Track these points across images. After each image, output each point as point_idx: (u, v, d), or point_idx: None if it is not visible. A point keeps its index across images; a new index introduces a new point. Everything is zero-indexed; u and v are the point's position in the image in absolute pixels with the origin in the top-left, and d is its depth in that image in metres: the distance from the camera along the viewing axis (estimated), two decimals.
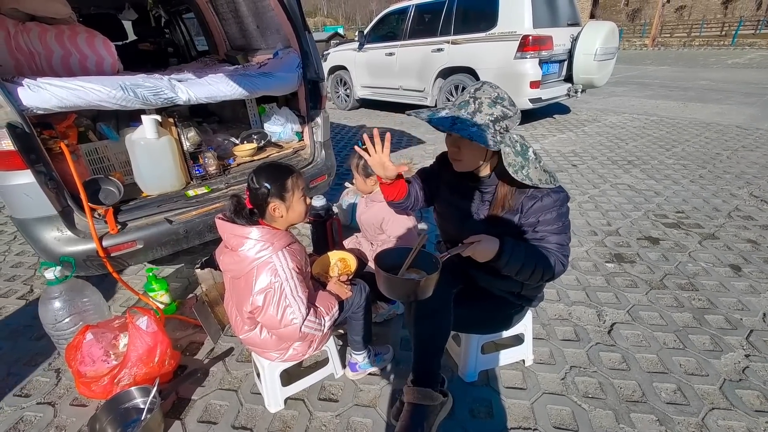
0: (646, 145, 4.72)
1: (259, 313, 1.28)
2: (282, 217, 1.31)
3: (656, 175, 3.77)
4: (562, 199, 1.19)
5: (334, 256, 1.83)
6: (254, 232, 1.24)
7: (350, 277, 1.65)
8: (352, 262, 1.80)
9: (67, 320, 1.64)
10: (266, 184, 1.26)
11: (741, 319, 1.93)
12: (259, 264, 1.24)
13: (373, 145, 1.27)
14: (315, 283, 1.57)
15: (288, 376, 1.58)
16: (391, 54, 6.37)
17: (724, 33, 20.65)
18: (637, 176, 3.78)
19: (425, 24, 5.95)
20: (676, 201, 3.22)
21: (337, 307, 1.44)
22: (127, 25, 4.22)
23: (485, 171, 1.26)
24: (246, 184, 1.33)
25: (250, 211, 1.32)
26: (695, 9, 27.41)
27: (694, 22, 23.49)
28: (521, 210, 1.21)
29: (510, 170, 1.12)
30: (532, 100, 5.11)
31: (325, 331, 1.39)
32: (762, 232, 2.70)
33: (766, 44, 16.19)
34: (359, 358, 1.64)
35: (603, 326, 1.92)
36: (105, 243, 1.85)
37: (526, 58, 4.90)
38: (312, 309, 1.34)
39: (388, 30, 6.61)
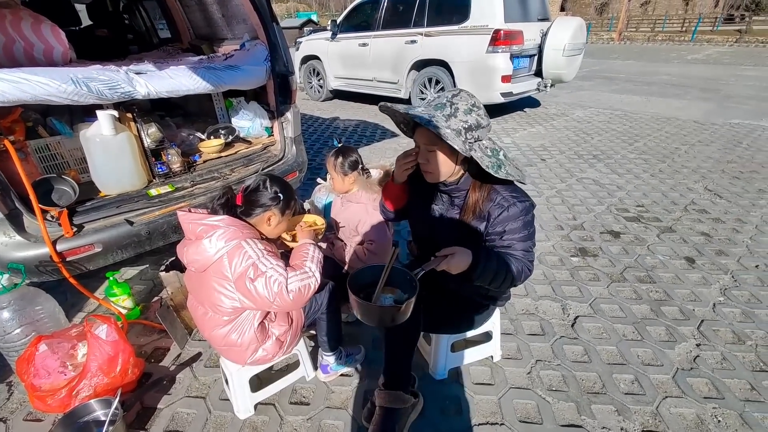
0: (610, 139, 4.89)
1: (247, 299, 1.24)
2: (270, 227, 1.38)
3: (619, 170, 3.92)
4: (527, 208, 1.22)
5: (297, 219, 1.74)
6: (226, 218, 1.26)
7: (319, 235, 1.62)
8: (319, 221, 1.75)
9: (17, 331, 1.55)
10: (279, 193, 1.35)
11: (693, 309, 2.05)
12: (229, 250, 1.23)
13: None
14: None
15: (258, 381, 1.56)
16: (364, 45, 6.27)
17: (684, 29, 21.49)
18: (602, 170, 3.92)
19: (399, 15, 5.87)
20: (637, 195, 3.36)
21: (311, 250, 1.37)
22: (82, 10, 3.94)
23: (453, 177, 1.27)
24: (247, 184, 1.38)
25: (234, 207, 1.35)
26: (659, 4, 28.36)
27: (657, 18, 24.34)
28: (488, 219, 1.23)
29: (491, 171, 1.13)
30: (503, 94, 5.17)
31: (317, 276, 1.30)
32: (714, 224, 2.86)
33: (722, 40, 17.00)
34: (330, 359, 1.64)
35: (567, 320, 1.99)
36: (59, 247, 1.75)
37: (497, 52, 4.94)
38: (289, 269, 1.29)
39: (362, 19, 6.49)
